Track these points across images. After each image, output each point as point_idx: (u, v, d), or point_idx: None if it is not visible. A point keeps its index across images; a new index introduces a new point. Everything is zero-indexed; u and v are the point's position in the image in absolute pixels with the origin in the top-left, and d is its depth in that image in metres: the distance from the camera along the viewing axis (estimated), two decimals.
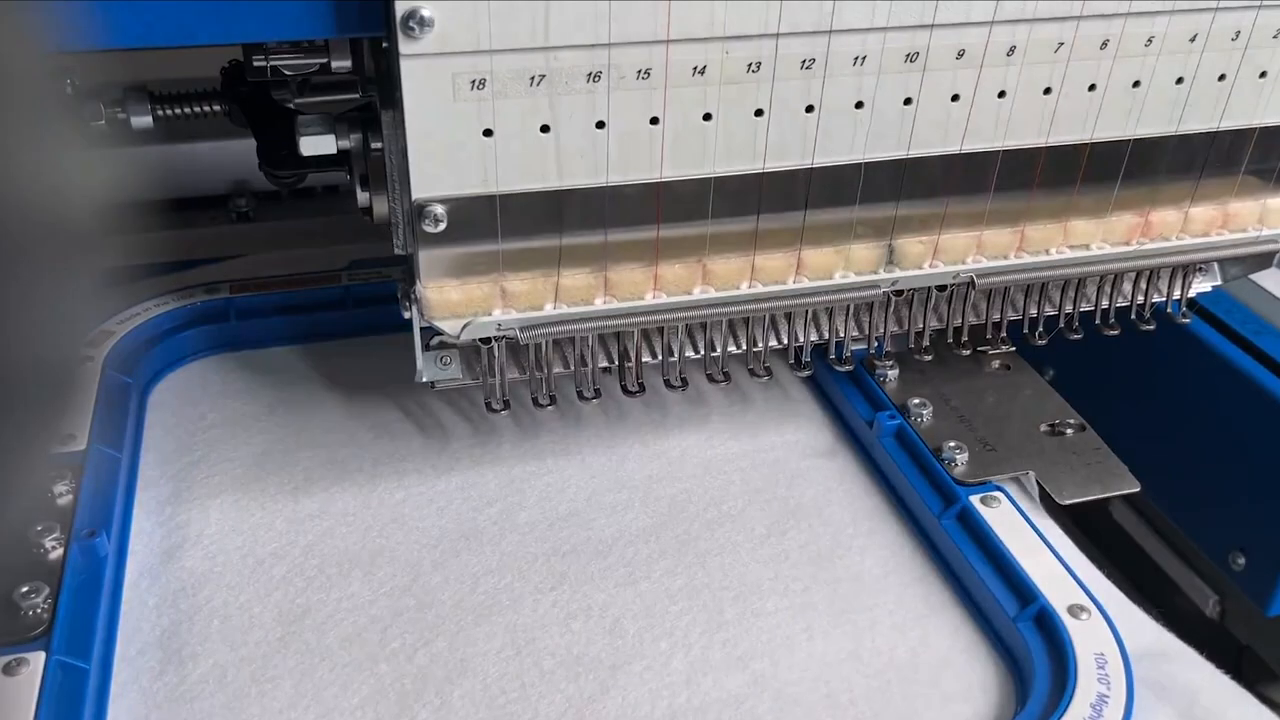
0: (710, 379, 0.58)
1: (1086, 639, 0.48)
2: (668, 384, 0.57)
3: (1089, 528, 0.79)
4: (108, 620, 0.49)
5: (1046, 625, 0.49)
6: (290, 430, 0.62)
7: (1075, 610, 0.50)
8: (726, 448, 0.62)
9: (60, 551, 0.49)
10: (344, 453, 0.60)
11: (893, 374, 0.64)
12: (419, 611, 0.51)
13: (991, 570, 0.53)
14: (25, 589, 0.47)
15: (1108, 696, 0.46)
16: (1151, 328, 0.63)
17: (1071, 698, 0.46)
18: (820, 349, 0.59)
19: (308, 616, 0.51)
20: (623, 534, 0.56)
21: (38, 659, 0.45)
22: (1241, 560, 0.64)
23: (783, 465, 0.61)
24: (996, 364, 0.66)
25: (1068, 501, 0.57)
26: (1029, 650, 0.49)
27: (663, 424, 0.63)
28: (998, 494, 0.56)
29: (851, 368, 0.60)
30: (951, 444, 0.58)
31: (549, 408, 0.56)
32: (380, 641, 0.50)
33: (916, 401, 0.61)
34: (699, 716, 0.47)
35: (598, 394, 0.56)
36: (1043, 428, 0.62)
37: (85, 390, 0.59)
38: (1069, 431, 0.61)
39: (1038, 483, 0.58)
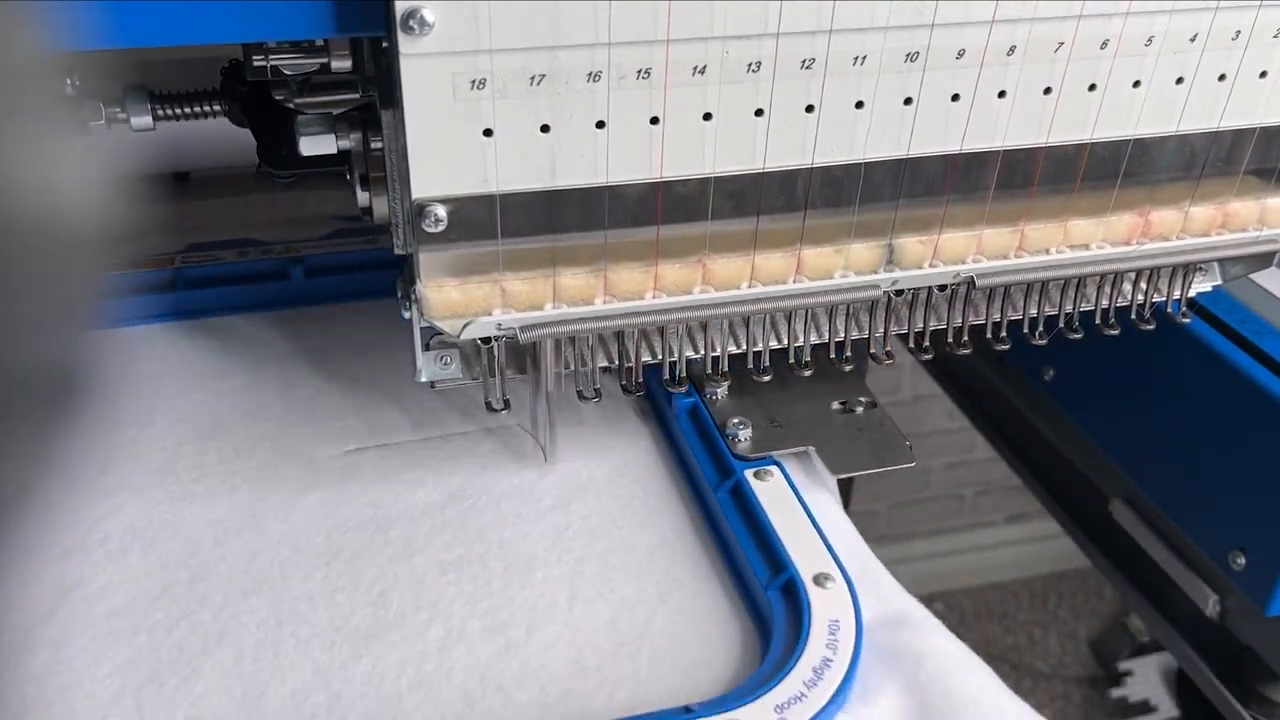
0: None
1: (825, 606, 0.50)
2: (667, 383, 0.57)
3: (1088, 527, 0.79)
4: None
5: (791, 593, 0.51)
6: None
7: (821, 579, 0.51)
8: (528, 422, 0.63)
9: None
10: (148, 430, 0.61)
11: (694, 355, 0.64)
12: (189, 585, 0.52)
13: (752, 541, 0.54)
14: None
15: (831, 660, 0.47)
16: (1151, 327, 0.63)
17: (795, 663, 0.47)
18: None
19: (79, 589, 0.51)
20: (408, 510, 0.57)
21: None
22: (1241, 560, 0.64)
23: (581, 440, 0.62)
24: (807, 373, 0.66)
25: (841, 475, 0.59)
26: (775, 618, 0.50)
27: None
28: (772, 468, 0.58)
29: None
30: (736, 420, 0.60)
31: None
32: (145, 613, 0.51)
33: (713, 380, 0.63)
34: (443, 683, 0.48)
35: (598, 394, 0.56)
36: (834, 405, 0.63)
37: None
38: (859, 409, 0.62)
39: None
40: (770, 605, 0.50)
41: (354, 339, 0.69)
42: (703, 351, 0.57)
